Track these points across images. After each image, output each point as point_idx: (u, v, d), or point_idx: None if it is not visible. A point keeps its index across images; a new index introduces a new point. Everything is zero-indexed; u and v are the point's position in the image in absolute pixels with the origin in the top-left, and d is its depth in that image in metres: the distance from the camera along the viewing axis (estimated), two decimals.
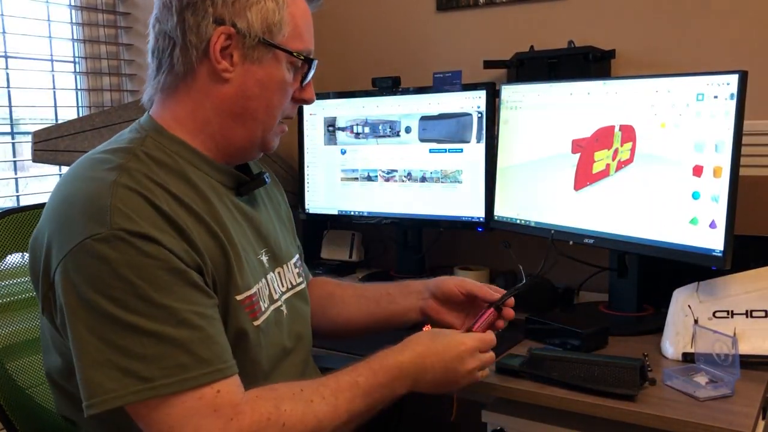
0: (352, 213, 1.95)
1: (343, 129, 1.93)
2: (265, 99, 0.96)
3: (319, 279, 1.34)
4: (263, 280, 1.00)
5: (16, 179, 1.80)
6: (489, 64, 1.80)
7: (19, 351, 1.10)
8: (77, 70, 1.91)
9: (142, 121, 1.00)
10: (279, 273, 1.07)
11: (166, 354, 0.79)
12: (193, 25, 0.92)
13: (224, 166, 1.00)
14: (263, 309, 0.98)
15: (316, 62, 1.01)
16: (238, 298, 0.92)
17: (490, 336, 1.07)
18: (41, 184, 1.93)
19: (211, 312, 0.86)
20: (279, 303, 1.03)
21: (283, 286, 1.07)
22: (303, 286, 1.15)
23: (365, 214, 1.93)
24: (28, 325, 1.13)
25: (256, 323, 0.95)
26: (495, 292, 1.19)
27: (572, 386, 1.13)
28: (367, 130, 1.90)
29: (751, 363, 1.20)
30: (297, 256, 1.18)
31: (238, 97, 0.95)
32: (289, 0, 0.96)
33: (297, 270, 1.15)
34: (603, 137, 1.48)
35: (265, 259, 1.03)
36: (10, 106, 1.76)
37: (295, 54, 0.96)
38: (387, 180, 1.88)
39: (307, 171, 2.00)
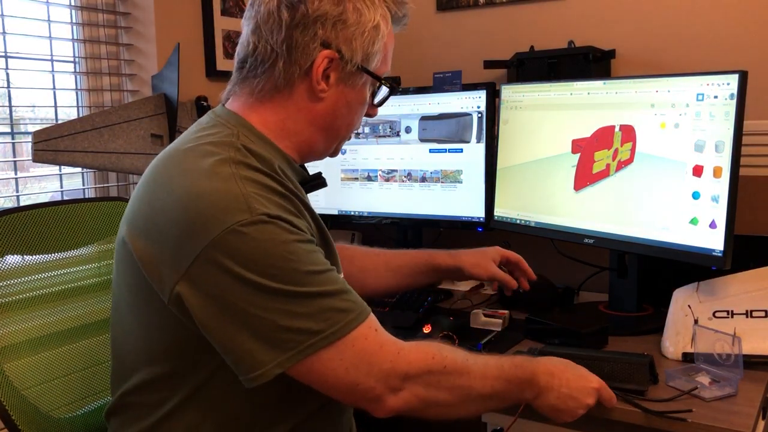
0: (352, 213, 1.95)
1: None
2: (349, 118, 1.04)
3: (351, 248, 1.43)
4: None
5: (16, 179, 1.80)
6: (489, 64, 1.81)
7: (16, 352, 1.10)
8: (77, 70, 1.91)
9: (224, 115, 1.01)
10: None
11: (325, 307, 0.87)
12: (301, 44, 0.96)
13: (298, 166, 1.06)
14: None
15: (396, 85, 1.07)
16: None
17: (611, 393, 1.07)
18: (41, 184, 1.93)
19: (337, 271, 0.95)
20: None
21: None
22: None
23: (365, 214, 1.93)
24: (26, 326, 1.13)
25: None
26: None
27: None
28: (367, 130, 1.90)
29: (751, 363, 1.20)
30: None
31: (329, 114, 1.01)
32: (384, 30, 1.00)
33: None
34: (603, 137, 1.48)
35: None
36: (10, 106, 1.76)
37: (383, 81, 1.04)
38: (387, 180, 1.88)
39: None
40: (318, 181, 1.11)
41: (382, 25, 0.99)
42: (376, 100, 1.07)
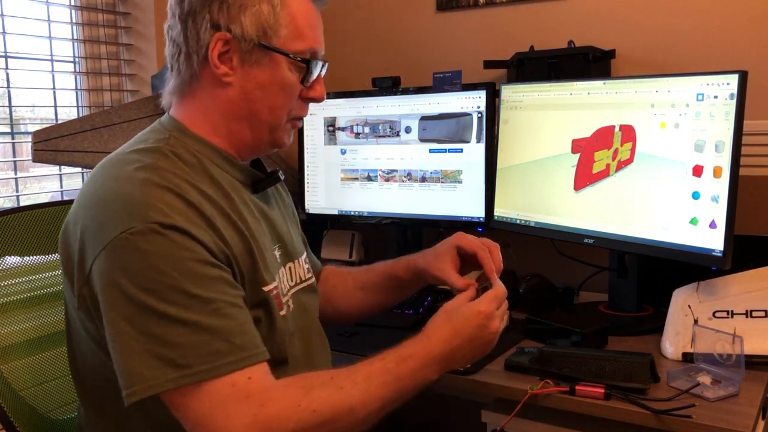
0: (352, 213, 1.95)
1: (343, 129, 1.93)
2: (267, 100, 0.98)
3: (327, 268, 1.37)
4: (278, 275, 1.03)
5: (16, 179, 1.80)
6: (489, 64, 1.80)
7: (13, 353, 1.10)
8: (77, 70, 1.91)
9: (164, 121, 1.02)
10: (290, 268, 1.10)
11: (200, 342, 0.82)
12: (194, 32, 0.95)
13: (242, 163, 1.03)
14: (284, 301, 1.02)
15: (318, 62, 1.01)
16: (266, 289, 0.96)
17: (498, 291, 1.05)
18: (41, 184, 1.93)
19: (240, 302, 0.89)
20: (287, 297, 1.06)
21: (292, 281, 1.10)
22: (312, 280, 1.17)
23: (365, 214, 1.93)
24: (24, 326, 1.13)
25: (281, 312, 0.99)
26: (488, 253, 1.15)
27: (584, 381, 1.14)
28: (367, 130, 1.90)
29: (751, 363, 1.20)
30: (305, 252, 1.21)
31: (241, 99, 0.97)
32: (287, 1, 0.96)
33: (307, 265, 1.17)
34: (603, 137, 1.48)
35: (278, 254, 1.06)
36: (10, 106, 1.76)
37: (291, 55, 0.97)
38: (387, 180, 1.88)
39: (307, 171, 2.00)
40: (271, 180, 1.08)
41: None
42: (308, 80, 1.00)
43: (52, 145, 1.65)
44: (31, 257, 1.16)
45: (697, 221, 1.31)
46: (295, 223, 1.22)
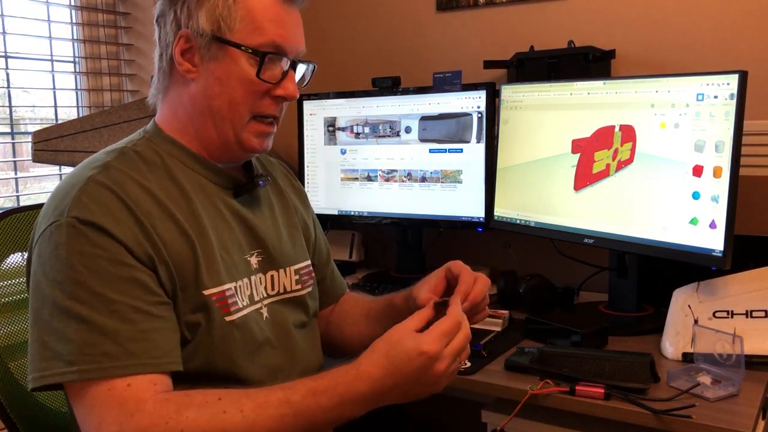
0: (352, 213, 1.95)
1: (343, 129, 1.93)
2: (226, 95, 0.97)
3: (348, 295, 1.29)
4: (245, 280, 1.00)
5: (16, 179, 1.80)
6: (489, 64, 1.80)
7: (21, 350, 1.10)
8: (77, 70, 1.91)
9: (148, 125, 1.05)
10: (272, 276, 1.06)
11: (92, 341, 0.82)
12: (164, 32, 0.99)
13: (217, 166, 1.02)
14: (240, 306, 0.98)
15: (279, 56, 0.98)
16: (206, 293, 0.93)
17: (450, 321, 0.88)
18: (41, 184, 1.93)
19: (152, 309, 0.87)
20: (259, 305, 1.02)
21: (272, 290, 1.06)
22: (301, 293, 1.11)
23: (365, 214, 1.93)
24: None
25: (228, 318, 0.95)
26: (472, 280, 1.03)
27: (584, 381, 1.13)
28: (367, 130, 1.90)
29: (751, 363, 1.20)
30: (305, 263, 1.14)
31: (202, 96, 0.98)
32: None
33: (298, 277, 1.11)
34: (603, 137, 1.48)
35: (254, 260, 1.03)
36: (10, 106, 1.76)
37: (243, 48, 0.95)
38: (387, 180, 1.88)
39: (307, 171, 2.00)
40: (249, 185, 1.05)
41: None
42: (265, 73, 0.96)
43: (52, 145, 1.65)
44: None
45: (697, 221, 1.31)
46: (297, 231, 1.16)
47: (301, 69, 1.04)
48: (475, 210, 1.76)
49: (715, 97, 1.29)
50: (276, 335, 1.04)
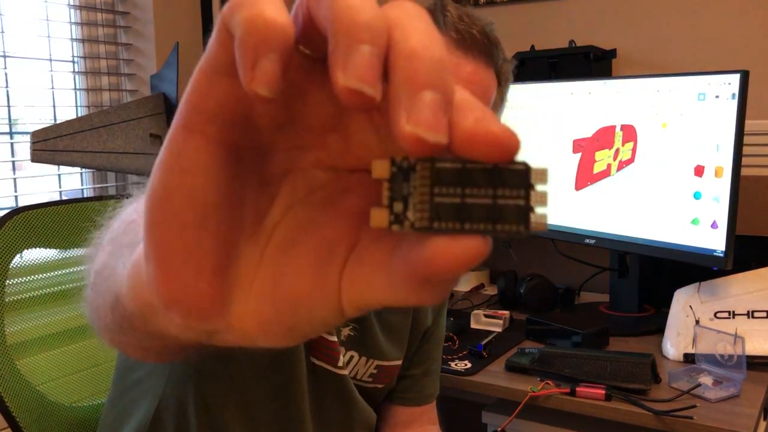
0: None
1: None
2: None
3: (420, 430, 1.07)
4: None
5: (15, 179, 1.79)
6: None
7: (31, 348, 1.11)
8: (76, 70, 1.90)
9: None
10: (351, 357, 0.93)
11: None
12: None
13: None
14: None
15: None
16: None
17: None
18: (40, 184, 1.92)
19: None
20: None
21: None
22: (369, 385, 0.96)
23: None
24: (41, 322, 1.13)
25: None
26: None
27: (585, 382, 1.13)
28: None
29: (752, 363, 1.19)
30: (394, 362, 0.98)
31: None
32: None
33: (376, 372, 0.96)
34: (604, 137, 1.48)
35: (346, 332, 0.92)
36: (8, 106, 1.75)
37: None
38: None
39: None
40: None
41: None
42: None
43: (51, 145, 1.64)
44: (51, 252, 1.16)
45: (699, 221, 1.30)
46: (405, 338, 0.99)
47: None
48: None
49: (717, 96, 1.28)
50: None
